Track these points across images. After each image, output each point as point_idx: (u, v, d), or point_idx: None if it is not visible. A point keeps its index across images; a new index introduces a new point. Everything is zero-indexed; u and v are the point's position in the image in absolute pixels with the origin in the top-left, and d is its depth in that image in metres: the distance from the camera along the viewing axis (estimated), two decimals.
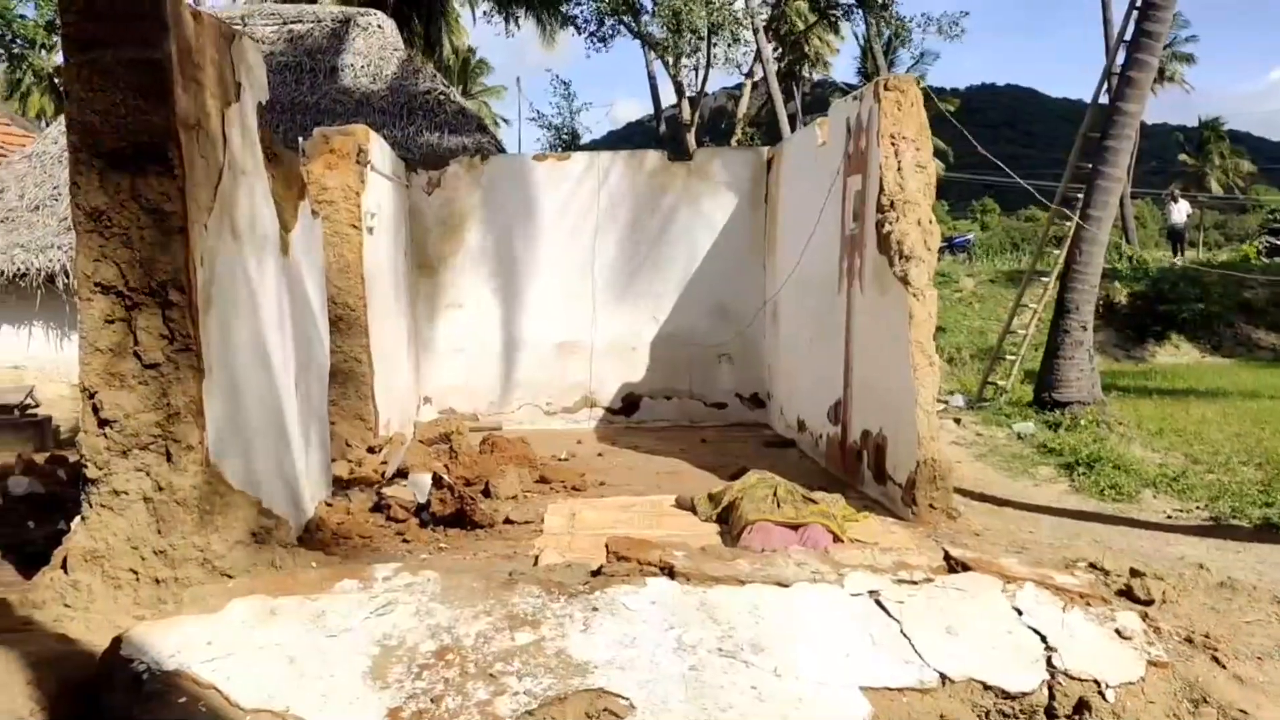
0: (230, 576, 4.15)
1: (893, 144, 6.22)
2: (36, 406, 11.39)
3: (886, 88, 6.30)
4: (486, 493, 6.20)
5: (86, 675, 3.38)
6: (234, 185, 4.90)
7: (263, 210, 5.35)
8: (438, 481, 5.93)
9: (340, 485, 6.35)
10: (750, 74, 26.49)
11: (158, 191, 4.28)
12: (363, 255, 7.55)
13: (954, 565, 3.95)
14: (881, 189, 6.19)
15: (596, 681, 3.11)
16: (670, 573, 3.67)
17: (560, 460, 7.62)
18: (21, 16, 28.89)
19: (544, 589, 3.57)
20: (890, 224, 6.11)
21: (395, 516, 5.68)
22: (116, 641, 3.27)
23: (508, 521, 5.74)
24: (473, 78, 38.52)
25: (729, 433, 9.20)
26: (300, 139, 7.88)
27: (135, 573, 4.18)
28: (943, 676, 3.28)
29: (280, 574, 4.09)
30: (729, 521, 5.36)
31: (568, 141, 26.20)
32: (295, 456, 5.52)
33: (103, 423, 4.29)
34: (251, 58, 5.33)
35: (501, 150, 12.63)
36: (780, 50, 29.61)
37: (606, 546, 3.85)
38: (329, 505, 5.82)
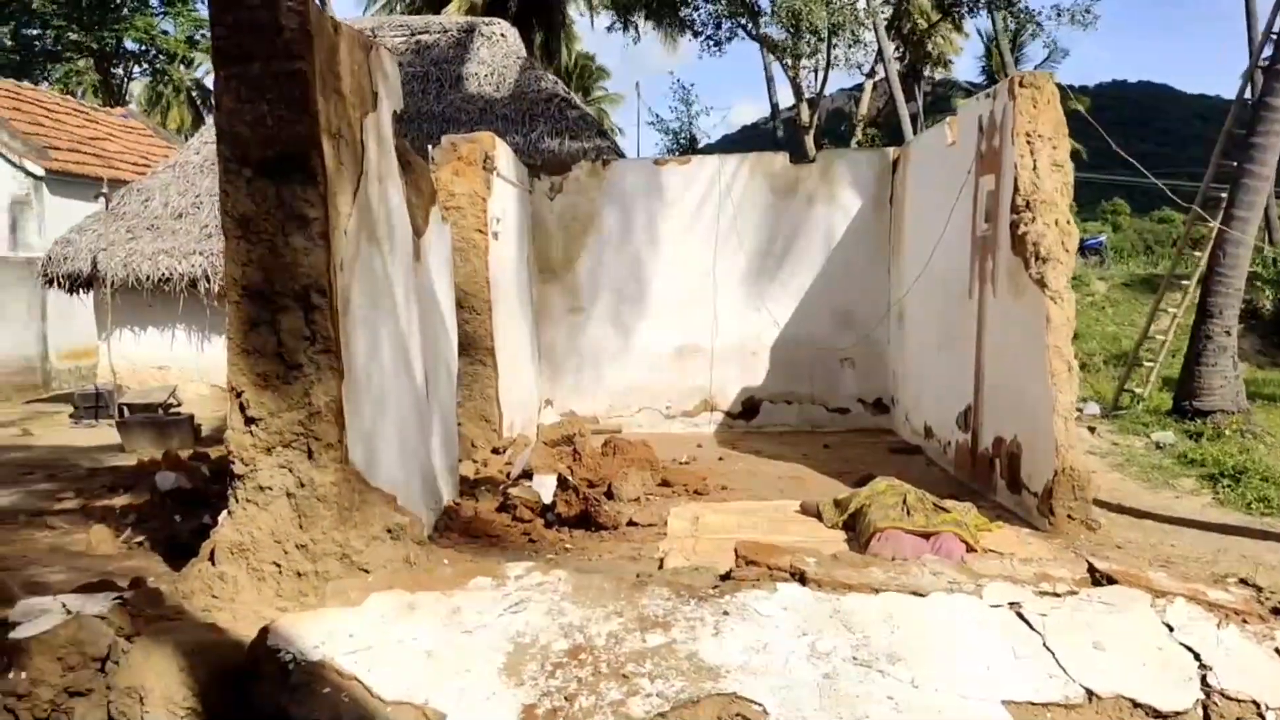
0: (367, 571, 4.26)
1: (1028, 142, 6.03)
2: (179, 405, 11.94)
3: (1021, 84, 6.11)
4: (609, 495, 6.24)
5: (235, 664, 3.51)
6: (371, 192, 5.04)
7: (397, 216, 5.50)
8: (562, 483, 5.99)
9: (466, 485, 6.47)
10: (871, 74, 26.09)
11: (301, 198, 4.43)
12: (488, 260, 7.70)
13: (1099, 578, 3.80)
14: (1016, 189, 6.01)
15: (729, 686, 3.09)
16: (801, 578, 3.62)
17: (681, 464, 7.62)
18: (164, 32, 30.39)
19: (674, 591, 3.56)
20: (1026, 225, 5.92)
21: (521, 517, 5.75)
22: (264, 632, 3.38)
23: (631, 524, 5.77)
24: (590, 84, 38.93)
25: (851, 438, 9.06)
26: (429, 146, 8.07)
27: (278, 566, 4.34)
28: (1089, 693, 3.15)
29: (415, 570, 4.19)
30: (856, 529, 5.27)
31: (686, 145, 26.21)
32: (426, 456, 5.65)
33: (249, 420, 4.46)
34: (388, 67, 5.48)
35: (620, 155, 12.72)
36: (902, 49, 29.08)
37: (735, 551, 3.82)
38: (457, 504, 5.94)
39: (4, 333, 14.70)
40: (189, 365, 13.02)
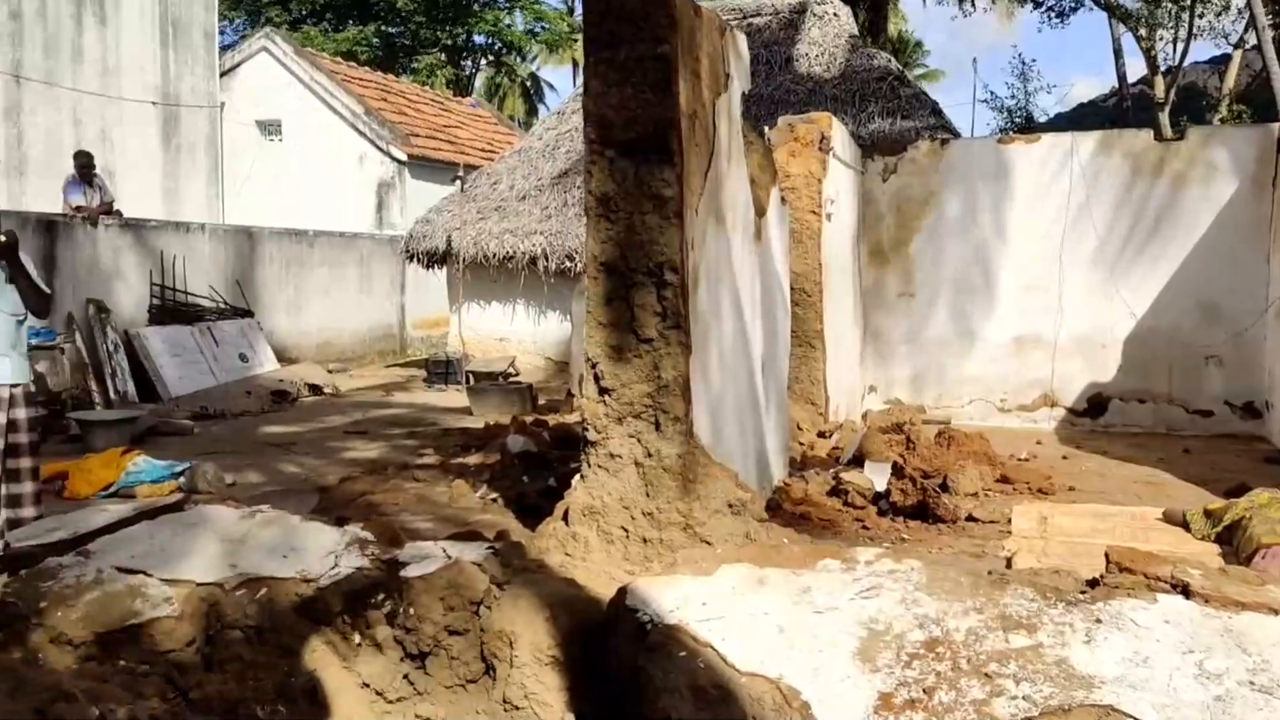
0: (709, 543, 4.35)
1: None
2: (517, 375, 12.79)
3: None
4: (944, 487, 6.02)
5: (592, 619, 3.68)
6: (720, 172, 5.12)
7: (741, 196, 5.56)
8: (897, 471, 5.84)
9: (794, 467, 6.47)
10: (1239, 44, 23.46)
11: (658, 178, 4.57)
12: (821, 242, 7.63)
13: None
14: None
15: (1104, 697, 2.86)
16: (1185, 591, 3.30)
17: (1021, 460, 7.22)
18: (509, 25, 32.57)
19: (1038, 593, 3.36)
20: None
21: (853, 503, 5.67)
22: (622, 592, 3.52)
23: (970, 519, 5.53)
24: (910, 60, 37.73)
25: (1216, 444, 8.21)
26: (765, 128, 8.09)
27: (626, 530, 4.52)
28: None
29: (755, 546, 4.22)
30: (1234, 543, 4.76)
31: (1021, 124, 24.79)
32: (760, 435, 5.70)
33: (602, 391, 4.67)
34: (740, 48, 5.54)
35: (955, 134, 12.22)
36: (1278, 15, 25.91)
37: (1106, 555, 3.55)
38: (787, 485, 5.95)
39: (370, 303, 16.38)
40: (526, 338, 13.93)
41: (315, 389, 12.67)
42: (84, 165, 11.62)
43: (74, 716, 2.95)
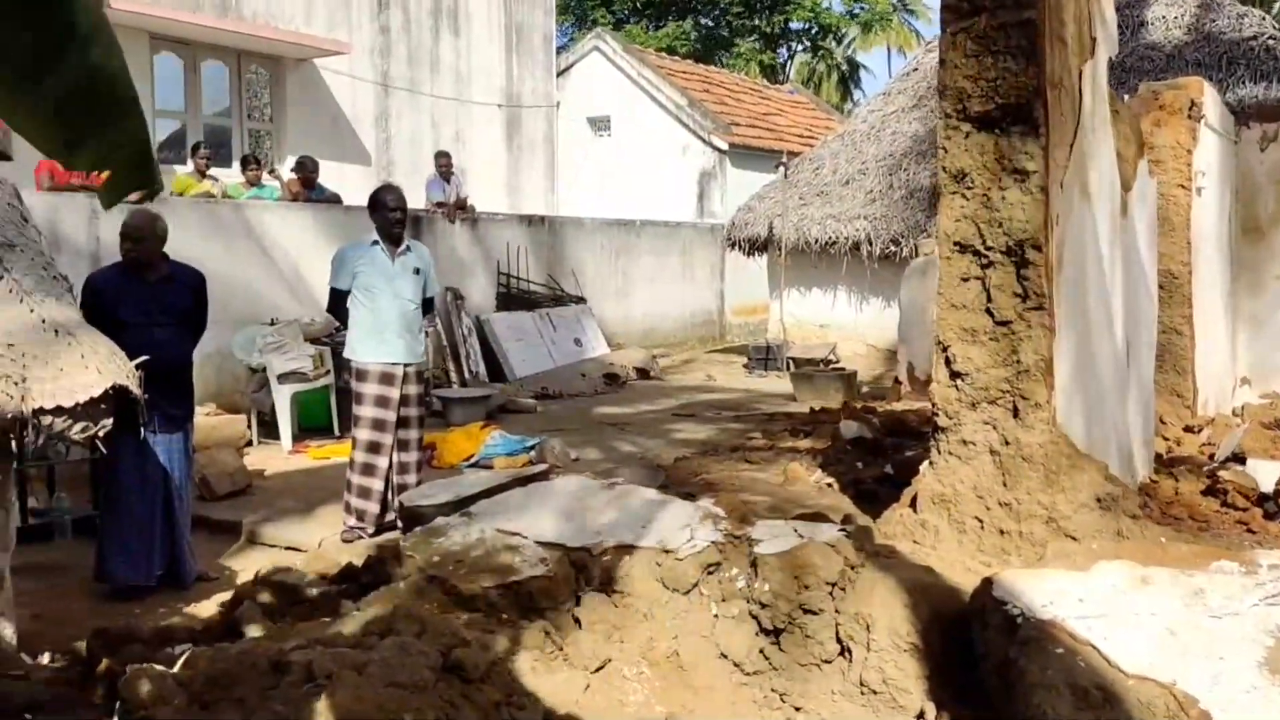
0: (1074, 539, 4.10)
1: None
2: (838, 361, 12.66)
3: None
4: None
5: (952, 609, 3.58)
6: (1085, 144, 4.79)
7: (1107, 169, 5.18)
8: None
9: (1160, 463, 5.96)
10: None
11: (1020, 151, 4.35)
12: (1190, 218, 6.98)
13: None
14: None
15: None
16: None
17: None
18: (827, 8, 32.27)
19: None
20: None
21: (1233, 504, 5.14)
22: (987, 583, 3.40)
23: None
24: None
25: None
26: (1125, 96, 7.49)
27: (980, 521, 4.35)
28: None
29: (1132, 543, 3.93)
30: None
31: None
32: (1124, 426, 5.29)
33: (954, 375, 4.51)
34: (1107, 12, 5.16)
35: None
36: None
37: None
38: (1154, 481, 5.50)
39: (691, 290, 16.80)
40: (847, 324, 13.76)
41: (642, 373, 13.17)
42: (443, 165, 12.71)
43: (471, 660, 3.23)
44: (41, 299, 4.26)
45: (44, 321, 4.14)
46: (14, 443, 3.96)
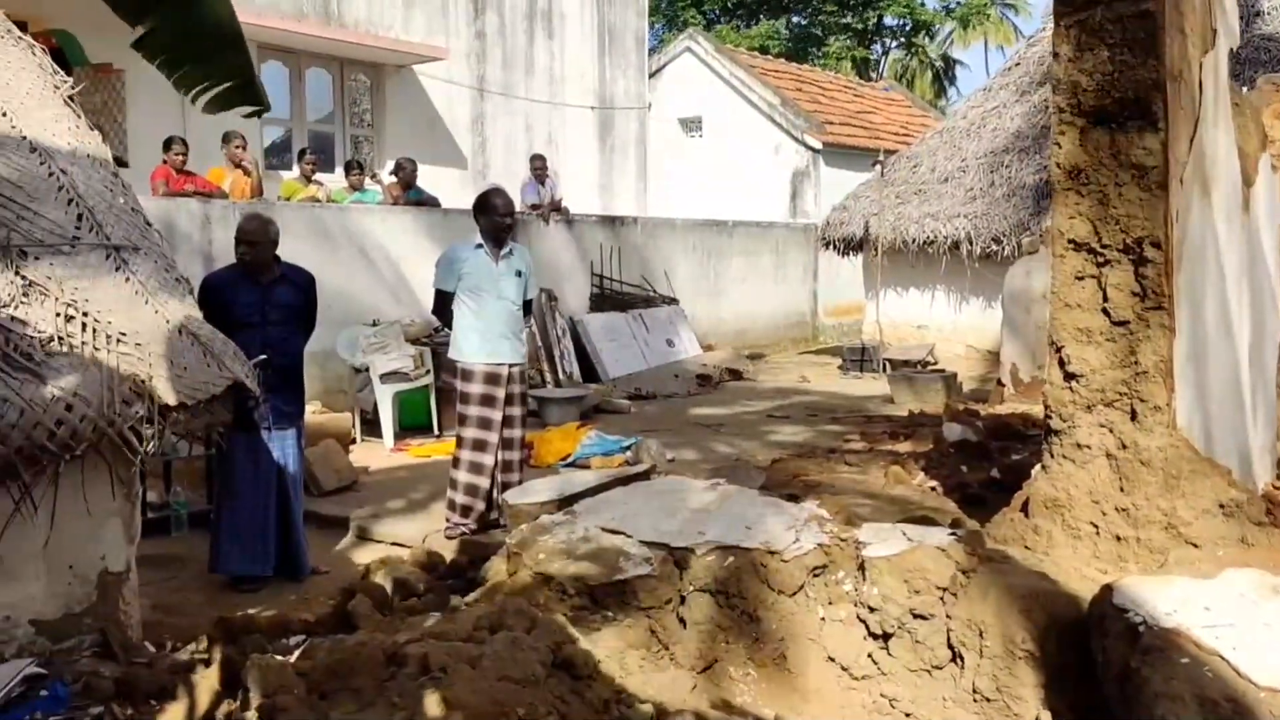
0: (1195, 545, 3.96)
1: None
2: (935, 363, 12.44)
3: None
4: None
5: (1068, 616, 3.48)
6: (1205, 138, 4.61)
7: (1226, 164, 4.98)
8: None
9: None
10: None
11: (1138, 146, 4.22)
12: None
13: None
14: None
15: None
16: None
17: None
18: (921, 4, 31.75)
19: None
20: None
21: None
22: (1106, 590, 3.30)
23: None
24: None
25: None
26: (1242, 88, 7.21)
27: (1095, 526, 4.22)
28: None
29: (1260, 551, 3.79)
30: None
31: None
32: (1243, 430, 5.09)
33: (1068, 376, 4.39)
34: (1228, 2, 4.96)
35: None
36: None
37: None
38: (1276, 488, 5.27)
39: (783, 291, 16.70)
40: (946, 325, 13.52)
41: (734, 374, 13.13)
42: (538, 168, 12.85)
43: (581, 657, 3.26)
44: (165, 300, 4.44)
45: (168, 322, 4.31)
46: (139, 439, 4.12)
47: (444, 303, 5.96)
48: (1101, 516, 4.19)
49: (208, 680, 3.54)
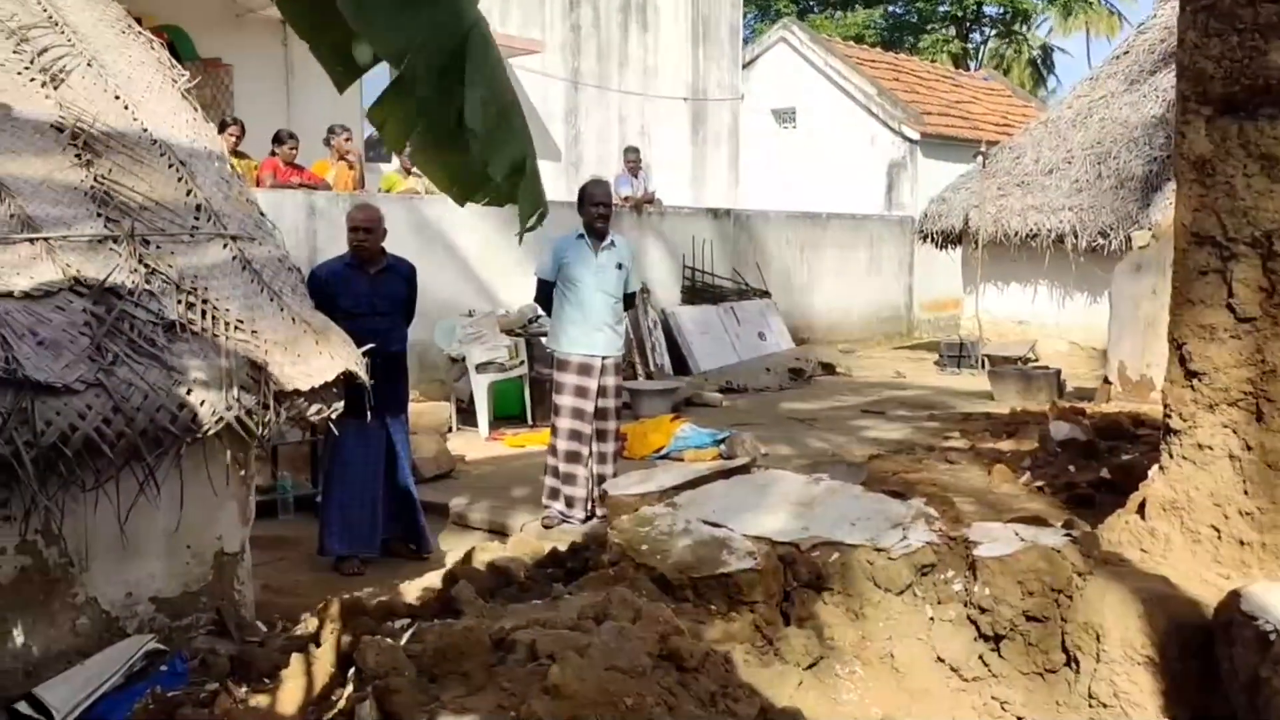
0: None
1: None
2: (1037, 359, 12.14)
3: None
4: None
5: (1191, 622, 3.36)
6: None
7: None
8: None
9: None
10: None
11: (1269, 136, 4.02)
12: None
13: None
14: None
15: None
16: None
17: None
18: None
19: None
20: None
21: None
22: (1234, 595, 3.17)
23: None
24: None
25: None
26: None
27: (1216, 530, 4.06)
28: None
29: None
30: None
31: None
32: None
33: (1189, 375, 4.23)
34: None
35: None
36: None
37: None
38: None
39: (878, 284, 16.45)
40: (1048, 321, 13.18)
41: (828, 368, 12.99)
42: (631, 161, 12.87)
43: (687, 649, 3.25)
44: (280, 288, 4.56)
45: (283, 310, 4.43)
46: (256, 424, 4.24)
47: (545, 292, 6.00)
48: (1224, 520, 4.02)
49: (321, 660, 3.62)
